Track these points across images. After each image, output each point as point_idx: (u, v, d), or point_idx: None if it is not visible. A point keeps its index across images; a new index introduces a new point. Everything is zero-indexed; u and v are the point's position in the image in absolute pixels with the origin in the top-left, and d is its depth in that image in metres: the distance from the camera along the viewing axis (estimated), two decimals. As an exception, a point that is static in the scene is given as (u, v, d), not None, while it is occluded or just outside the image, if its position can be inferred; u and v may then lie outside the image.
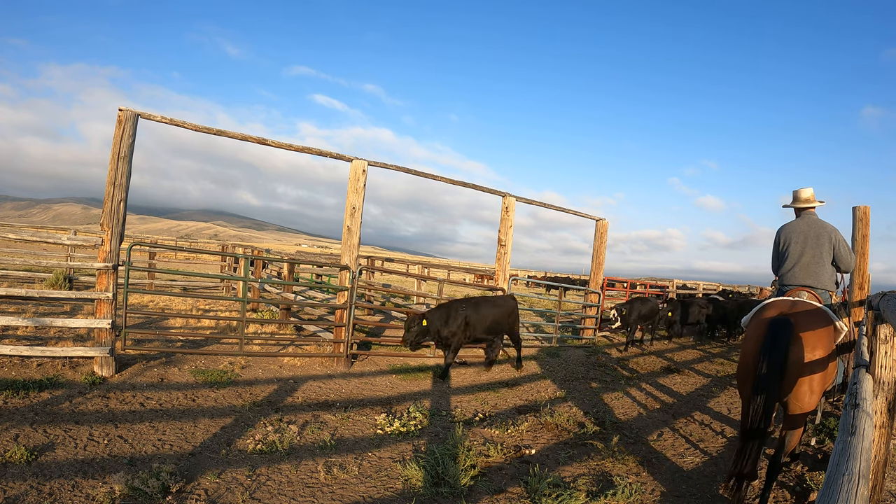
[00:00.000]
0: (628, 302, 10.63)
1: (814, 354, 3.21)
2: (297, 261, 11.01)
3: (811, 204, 4.06)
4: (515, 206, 8.89)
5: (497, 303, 7.57)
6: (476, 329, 7.11)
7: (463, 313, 6.99)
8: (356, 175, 7.08)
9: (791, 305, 3.50)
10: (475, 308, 7.20)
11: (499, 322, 7.42)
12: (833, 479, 1.46)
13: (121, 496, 3.17)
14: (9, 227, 11.74)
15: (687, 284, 19.89)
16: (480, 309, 7.25)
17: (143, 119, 5.71)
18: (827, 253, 3.86)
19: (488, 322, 7.26)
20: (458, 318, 6.93)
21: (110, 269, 5.54)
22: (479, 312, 7.20)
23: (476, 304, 7.32)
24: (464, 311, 7.03)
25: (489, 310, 7.34)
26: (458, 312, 6.98)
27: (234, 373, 6.09)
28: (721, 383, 7.56)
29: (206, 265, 23.57)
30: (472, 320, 7.05)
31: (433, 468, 3.77)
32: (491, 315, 7.32)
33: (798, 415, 3.32)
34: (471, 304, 7.26)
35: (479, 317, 7.15)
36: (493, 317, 7.35)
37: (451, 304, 7.16)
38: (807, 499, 3.66)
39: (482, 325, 7.18)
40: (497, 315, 7.41)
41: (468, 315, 7.03)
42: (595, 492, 3.65)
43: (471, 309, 7.14)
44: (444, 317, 6.90)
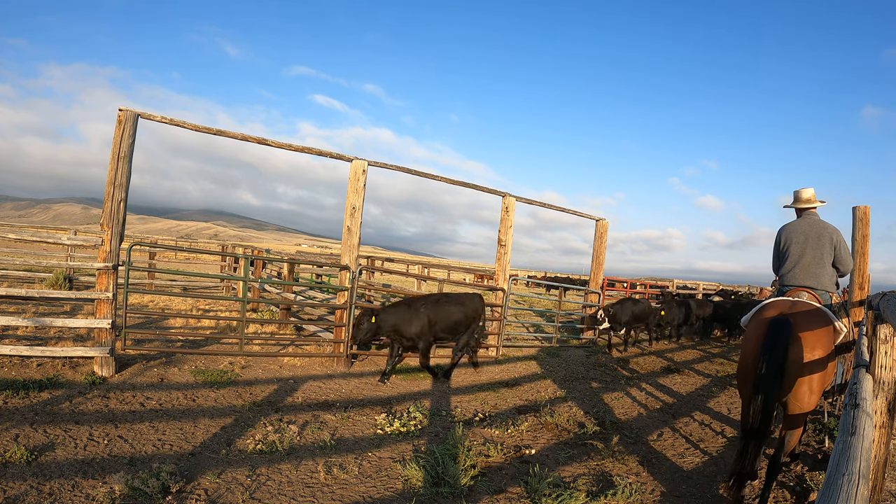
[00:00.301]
0: (618, 302, 10.19)
1: (813, 354, 3.22)
2: (297, 261, 11.01)
3: (812, 204, 4.05)
4: (515, 206, 8.89)
5: (461, 300, 7.04)
6: (437, 328, 6.66)
7: (424, 312, 6.53)
8: (356, 175, 7.08)
9: (791, 305, 3.51)
10: (435, 306, 6.71)
11: (462, 322, 6.94)
12: (833, 479, 1.46)
13: (121, 496, 3.17)
14: (9, 227, 11.75)
15: (688, 285, 19.89)
16: (441, 307, 6.75)
17: (143, 119, 5.71)
18: (828, 254, 3.85)
19: (451, 322, 6.80)
20: (422, 316, 6.46)
21: (110, 269, 5.54)
22: (440, 311, 6.70)
23: (437, 301, 6.81)
24: (425, 310, 6.55)
25: (452, 308, 6.83)
26: (419, 311, 6.51)
27: (234, 373, 6.09)
28: (721, 383, 7.57)
29: (206, 265, 23.57)
30: (434, 319, 6.58)
31: (433, 468, 3.77)
32: (454, 314, 6.82)
33: (798, 415, 3.32)
34: (431, 301, 6.78)
35: (439, 315, 6.66)
36: (456, 316, 6.84)
37: (411, 302, 6.70)
38: (807, 499, 3.66)
39: (443, 324, 6.72)
40: (461, 314, 6.90)
41: (429, 314, 6.56)
42: (595, 492, 3.65)
43: (431, 307, 6.65)
44: (404, 315, 6.43)
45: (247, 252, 16.48)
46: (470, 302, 7.10)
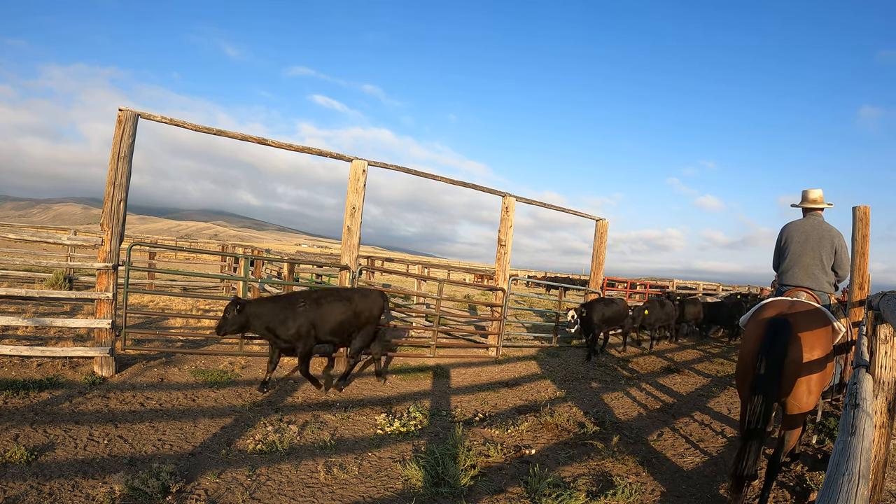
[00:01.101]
0: (589, 303, 9.32)
1: (812, 355, 3.22)
2: (297, 261, 11.01)
3: (818, 205, 4.04)
4: (515, 206, 8.89)
5: (350, 297, 6.09)
6: (320, 330, 5.76)
7: (304, 310, 5.68)
8: (356, 175, 7.09)
9: (790, 306, 3.51)
10: (318, 303, 5.82)
11: (351, 322, 5.99)
12: (833, 479, 1.46)
13: (121, 496, 3.17)
14: (9, 227, 11.74)
15: (688, 285, 19.89)
16: (325, 304, 5.84)
17: (143, 119, 5.71)
18: (828, 257, 3.85)
19: (336, 322, 5.86)
20: (300, 315, 5.64)
21: (110, 269, 5.54)
22: (324, 309, 5.79)
23: (320, 298, 5.91)
24: (304, 308, 5.70)
25: (338, 306, 5.91)
26: (297, 308, 5.66)
27: (234, 373, 6.09)
28: (721, 383, 7.57)
29: (206, 265, 23.57)
30: (315, 318, 5.70)
31: (433, 468, 3.77)
32: (341, 313, 5.90)
33: (797, 415, 3.33)
34: (313, 297, 5.89)
35: (322, 314, 5.76)
36: (344, 315, 5.92)
37: (290, 297, 5.84)
38: (807, 499, 3.66)
39: (328, 325, 5.81)
40: (350, 313, 5.97)
41: (309, 312, 5.71)
42: (595, 492, 3.65)
43: (313, 304, 5.78)
44: (277, 312, 5.57)
45: (247, 252, 16.48)
46: (363, 299, 6.14)
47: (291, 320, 5.56)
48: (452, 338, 9.49)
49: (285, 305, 5.64)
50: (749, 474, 3.19)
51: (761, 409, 3.15)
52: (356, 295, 6.15)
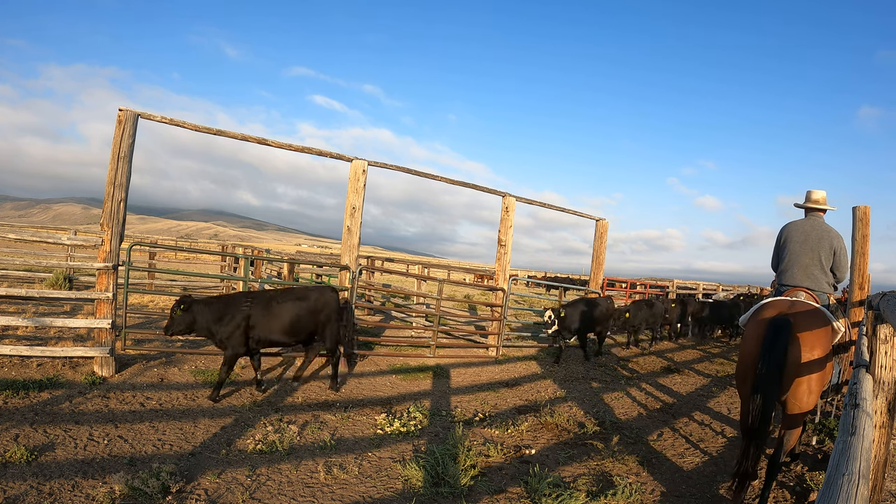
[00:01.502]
0: (571, 303, 8.85)
1: (812, 354, 3.24)
2: (297, 261, 11.01)
3: (820, 206, 4.04)
4: (515, 206, 8.90)
5: (303, 297, 5.73)
6: (266, 331, 5.41)
7: (245, 310, 5.32)
8: (356, 175, 7.09)
9: (790, 306, 3.52)
10: (266, 303, 5.47)
11: (304, 323, 5.65)
12: (833, 479, 1.46)
13: (121, 496, 3.17)
14: (9, 227, 11.74)
15: (688, 285, 19.89)
16: (274, 305, 5.50)
17: (143, 119, 5.71)
18: (826, 258, 3.86)
19: (286, 322, 5.51)
20: (238, 315, 5.25)
21: (110, 269, 5.54)
22: (272, 309, 5.47)
23: (269, 298, 5.55)
24: (247, 307, 5.34)
25: (288, 306, 5.57)
26: (240, 307, 5.31)
27: (235, 373, 6.09)
28: (721, 383, 7.57)
29: (206, 265, 23.56)
30: (259, 320, 5.36)
31: (433, 468, 3.77)
32: (290, 313, 5.55)
33: (797, 414, 3.34)
34: (261, 297, 5.54)
35: (270, 315, 5.43)
36: (295, 316, 5.57)
37: (235, 296, 5.49)
38: (807, 499, 3.66)
39: (277, 326, 5.45)
40: (301, 313, 5.61)
41: (252, 312, 5.34)
42: (595, 492, 3.65)
43: (259, 304, 5.43)
44: (219, 312, 5.24)
45: (247, 252, 16.48)
46: (316, 299, 5.76)
47: (229, 319, 5.24)
48: (452, 338, 9.49)
49: (229, 305, 5.32)
50: (750, 474, 3.20)
51: (762, 409, 3.16)
52: (309, 293, 5.80)
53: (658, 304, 10.57)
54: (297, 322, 5.60)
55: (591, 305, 8.80)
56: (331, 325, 5.88)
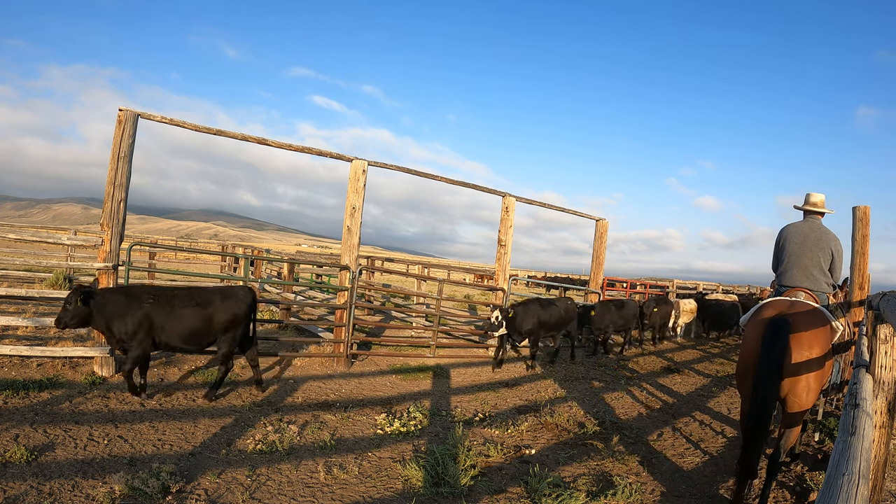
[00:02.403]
0: (523, 303, 8.04)
1: (811, 353, 3.27)
2: (297, 261, 11.02)
3: (819, 209, 4.10)
4: (515, 206, 8.90)
5: (209, 297, 5.20)
6: (168, 333, 4.90)
7: (149, 308, 4.82)
8: (356, 175, 7.09)
9: (789, 306, 3.56)
10: (169, 302, 4.94)
11: (208, 325, 5.11)
12: (833, 479, 1.46)
13: (121, 496, 3.17)
14: (9, 227, 11.75)
15: (687, 285, 19.89)
16: (178, 303, 4.99)
17: (143, 119, 5.71)
18: (825, 260, 3.92)
19: (190, 325, 5.00)
20: (139, 313, 4.76)
21: (110, 269, 5.54)
22: (175, 309, 4.95)
23: (172, 297, 5.01)
24: (151, 305, 4.84)
25: (193, 306, 5.05)
26: (141, 304, 4.79)
27: (235, 373, 6.09)
28: (721, 383, 7.57)
29: (206, 265, 23.56)
30: (161, 320, 4.85)
31: (433, 468, 3.77)
32: (196, 314, 5.04)
33: (796, 413, 3.37)
34: (166, 295, 4.99)
35: (172, 315, 4.92)
36: (200, 318, 5.06)
37: (137, 291, 4.96)
38: (807, 499, 3.66)
39: (178, 327, 4.94)
40: (209, 314, 5.10)
41: (152, 311, 4.82)
42: (595, 492, 3.65)
43: (161, 302, 4.90)
44: (118, 307, 4.73)
45: (247, 252, 16.48)
46: (225, 299, 5.27)
47: (130, 317, 4.74)
48: (452, 338, 9.49)
49: (131, 299, 4.81)
50: (751, 472, 3.23)
51: (762, 408, 3.19)
52: (216, 296, 5.26)
53: (630, 305, 9.74)
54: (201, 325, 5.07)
55: (546, 305, 8.10)
56: (233, 331, 5.28)
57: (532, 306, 7.94)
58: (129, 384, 4.87)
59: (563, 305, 8.40)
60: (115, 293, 4.88)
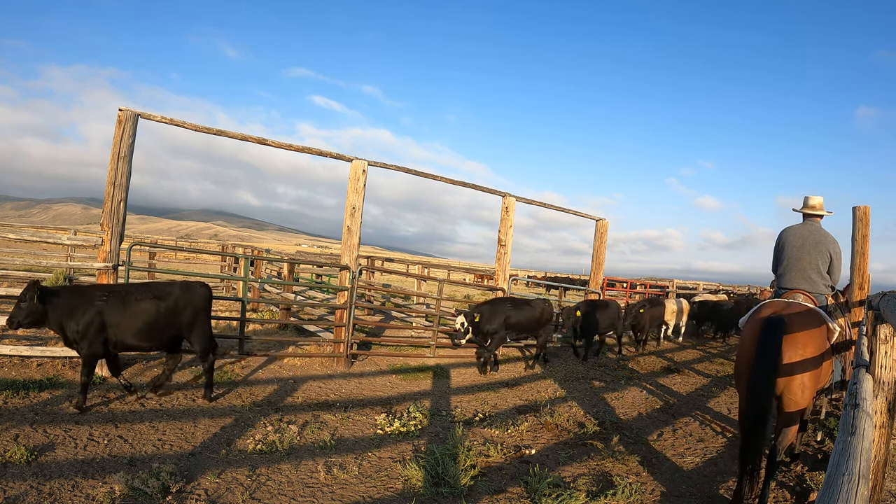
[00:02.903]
0: (491, 303, 7.55)
1: (805, 353, 3.35)
2: (297, 261, 11.02)
3: (818, 212, 4.17)
4: (515, 206, 8.90)
5: (163, 294, 4.98)
6: (121, 331, 4.70)
7: (99, 305, 4.62)
8: (356, 175, 7.09)
9: (785, 307, 3.65)
10: (121, 299, 4.74)
11: (161, 323, 4.90)
12: (833, 479, 1.46)
13: (121, 496, 3.17)
14: (9, 227, 11.75)
15: (687, 285, 19.90)
16: (131, 302, 4.77)
17: (143, 119, 5.71)
18: (823, 262, 3.99)
19: (140, 323, 4.77)
20: (91, 311, 4.57)
21: (110, 269, 5.54)
22: (128, 307, 4.74)
23: (125, 294, 4.81)
24: (104, 302, 4.65)
25: (147, 304, 4.83)
26: (93, 302, 4.62)
27: (235, 373, 6.09)
28: (721, 383, 7.57)
29: (206, 265, 23.56)
30: (113, 317, 4.65)
31: (433, 468, 3.77)
32: (148, 312, 4.82)
33: (792, 412, 3.42)
34: (117, 292, 4.80)
35: (125, 313, 4.72)
36: (153, 315, 4.84)
37: (89, 289, 4.77)
38: (807, 499, 3.67)
39: (131, 326, 4.73)
40: (163, 312, 4.90)
41: (104, 309, 4.62)
42: (595, 492, 3.65)
43: (115, 300, 4.71)
44: (70, 306, 4.54)
45: (247, 252, 16.48)
46: (180, 296, 5.06)
47: (81, 315, 4.55)
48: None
49: (84, 298, 4.63)
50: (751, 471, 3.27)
51: (758, 406, 3.26)
52: (171, 290, 5.06)
53: (613, 306, 9.21)
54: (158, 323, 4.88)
55: (519, 307, 7.50)
56: (199, 326, 5.17)
57: (501, 306, 7.41)
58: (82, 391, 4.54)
59: (539, 306, 7.86)
60: (68, 291, 4.68)
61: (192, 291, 5.18)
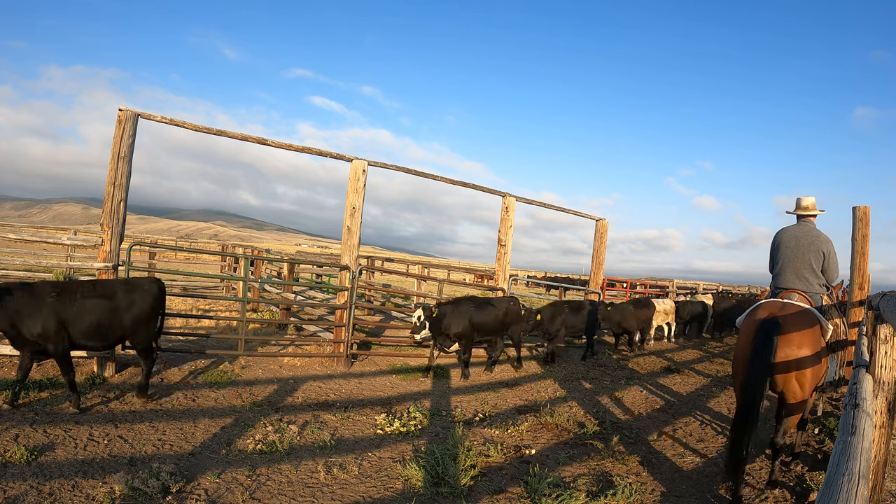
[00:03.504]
0: (453, 301, 7.22)
1: (801, 352, 3.50)
2: (297, 261, 11.02)
3: (811, 212, 4.29)
4: (515, 206, 8.90)
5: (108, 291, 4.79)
6: (75, 329, 4.56)
7: (52, 304, 4.48)
8: (356, 175, 7.09)
9: (780, 307, 3.77)
10: (70, 297, 4.58)
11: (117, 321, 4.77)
12: (833, 479, 1.46)
13: (121, 496, 3.17)
14: (9, 227, 11.74)
15: (687, 284, 19.91)
16: (78, 299, 4.61)
17: (143, 119, 5.71)
18: (816, 261, 4.10)
19: (88, 322, 4.61)
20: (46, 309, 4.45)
21: (110, 269, 5.54)
22: (76, 305, 4.58)
23: (73, 291, 4.65)
24: (52, 300, 4.49)
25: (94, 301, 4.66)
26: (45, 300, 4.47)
27: (234, 373, 6.09)
28: (721, 383, 7.57)
29: (206, 265, 23.57)
30: (66, 314, 4.52)
31: (433, 468, 3.77)
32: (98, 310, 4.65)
33: (793, 404, 3.62)
34: (68, 290, 4.64)
35: (74, 311, 4.55)
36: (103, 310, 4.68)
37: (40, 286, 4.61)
38: (807, 499, 3.67)
39: (81, 324, 4.58)
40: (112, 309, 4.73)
41: (58, 306, 4.49)
42: (595, 492, 3.65)
43: (64, 297, 4.56)
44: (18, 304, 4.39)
45: (247, 252, 16.49)
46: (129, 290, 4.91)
47: (37, 314, 4.43)
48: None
49: (34, 297, 4.48)
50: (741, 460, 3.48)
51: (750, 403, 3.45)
52: (120, 287, 4.90)
53: (587, 308, 8.72)
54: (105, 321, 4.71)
55: (483, 305, 7.17)
56: (145, 325, 4.99)
57: (463, 305, 7.06)
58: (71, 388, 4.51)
59: (504, 305, 7.44)
60: (18, 289, 4.49)
61: (142, 288, 5.00)
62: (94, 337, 4.71)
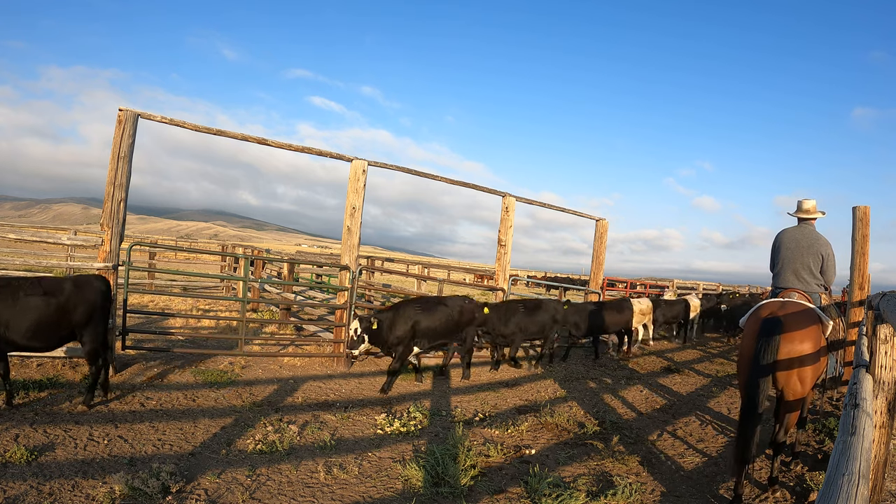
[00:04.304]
0: (394, 307, 6.36)
1: (802, 349, 3.57)
2: (297, 261, 11.02)
3: (811, 215, 4.36)
4: (515, 206, 8.90)
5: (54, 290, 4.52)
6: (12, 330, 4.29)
7: None
8: (356, 175, 7.09)
9: (781, 306, 3.85)
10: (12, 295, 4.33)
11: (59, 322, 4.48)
12: (833, 479, 1.46)
13: (121, 496, 3.17)
14: (9, 227, 11.74)
15: (687, 284, 19.91)
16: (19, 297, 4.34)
17: (143, 119, 5.71)
18: (815, 264, 4.19)
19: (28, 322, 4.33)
20: None
21: (110, 269, 5.54)
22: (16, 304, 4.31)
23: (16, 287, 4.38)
24: None
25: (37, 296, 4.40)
26: None
27: (234, 373, 6.09)
28: (721, 383, 7.57)
29: (207, 265, 23.57)
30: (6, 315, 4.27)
31: (433, 468, 3.77)
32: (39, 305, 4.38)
33: (793, 401, 3.70)
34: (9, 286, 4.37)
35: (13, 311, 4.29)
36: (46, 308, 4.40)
37: None
38: (807, 499, 3.68)
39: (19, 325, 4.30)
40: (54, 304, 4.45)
41: None
42: (595, 492, 3.65)
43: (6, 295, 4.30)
44: None
45: (247, 252, 16.48)
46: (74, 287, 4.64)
47: None
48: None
49: None
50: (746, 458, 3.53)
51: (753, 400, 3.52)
52: (65, 285, 4.63)
53: (549, 307, 7.97)
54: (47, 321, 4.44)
55: (431, 307, 6.44)
56: (93, 325, 4.71)
57: (408, 310, 6.28)
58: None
59: (457, 305, 6.71)
60: None
61: (86, 286, 4.73)
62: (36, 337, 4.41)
